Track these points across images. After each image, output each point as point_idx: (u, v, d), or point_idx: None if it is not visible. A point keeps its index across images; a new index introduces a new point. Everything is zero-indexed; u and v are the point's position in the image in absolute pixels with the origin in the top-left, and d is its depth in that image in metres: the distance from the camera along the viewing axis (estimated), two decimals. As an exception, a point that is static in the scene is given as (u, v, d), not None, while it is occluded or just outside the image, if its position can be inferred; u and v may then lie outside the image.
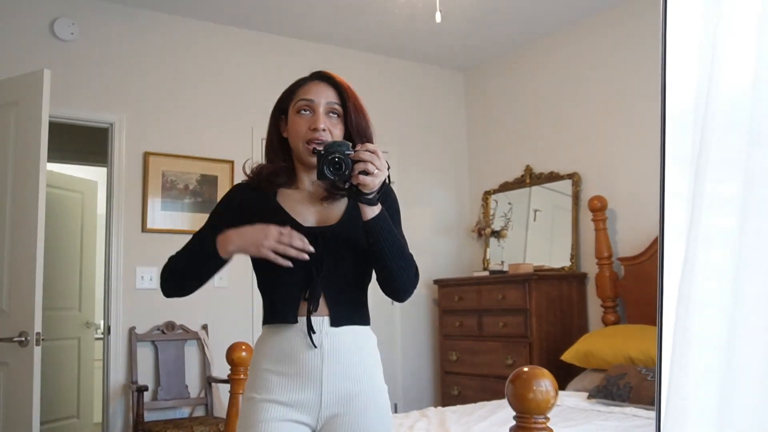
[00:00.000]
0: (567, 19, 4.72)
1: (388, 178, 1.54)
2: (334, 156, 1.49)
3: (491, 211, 5.27)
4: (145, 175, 4.28)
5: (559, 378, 1.37)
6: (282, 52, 4.84)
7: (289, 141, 1.68)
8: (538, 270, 4.58)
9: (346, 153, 1.50)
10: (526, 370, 1.43)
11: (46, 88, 3.16)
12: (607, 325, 4.22)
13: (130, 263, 4.20)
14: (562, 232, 4.74)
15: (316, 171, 1.53)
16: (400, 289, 1.60)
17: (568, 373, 4.01)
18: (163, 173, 4.34)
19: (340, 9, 4.47)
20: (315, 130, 1.60)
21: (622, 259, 4.26)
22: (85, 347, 5.21)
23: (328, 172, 1.50)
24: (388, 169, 1.52)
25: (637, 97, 4.30)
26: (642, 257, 4.12)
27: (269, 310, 1.62)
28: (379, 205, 1.53)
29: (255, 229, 1.54)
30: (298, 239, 1.53)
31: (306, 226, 1.61)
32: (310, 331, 1.54)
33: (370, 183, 1.47)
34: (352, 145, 1.54)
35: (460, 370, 4.76)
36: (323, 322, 1.56)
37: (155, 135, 4.35)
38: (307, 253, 1.54)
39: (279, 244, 1.52)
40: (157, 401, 4.10)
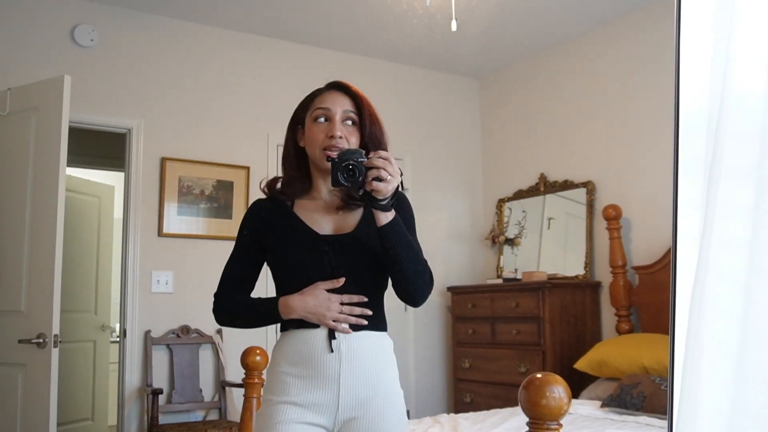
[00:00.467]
0: (581, 28, 4.73)
1: (401, 184, 1.57)
2: (348, 163, 1.52)
3: (505, 219, 5.27)
4: (162, 180, 4.33)
5: (572, 386, 1.38)
6: (298, 59, 4.88)
7: (306, 150, 1.70)
8: (551, 278, 4.57)
9: (359, 160, 1.52)
10: (539, 376, 1.44)
11: (66, 93, 3.21)
12: (620, 334, 4.21)
13: (146, 267, 4.24)
14: (576, 241, 4.73)
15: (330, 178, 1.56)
16: (414, 294, 1.62)
17: (581, 382, 4.00)
18: (180, 178, 4.39)
19: (357, 17, 4.50)
20: (332, 137, 1.63)
21: (637, 268, 4.25)
22: (101, 350, 5.26)
23: (341, 179, 1.53)
24: (401, 175, 1.54)
25: (652, 105, 4.29)
26: (656, 266, 4.10)
27: None
28: (392, 211, 1.56)
29: (318, 302, 1.58)
30: (359, 309, 1.59)
31: (322, 234, 1.64)
32: (331, 336, 1.57)
33: (383, 189, 1.50)
34: (365, 152, 1.57)
35: (472, 377, 4.75)
36: (343, 326, 1.59)
37: (172, 140, 4.40)
38: (325, 261, 1.61)
39: (341, 314, 1.58)
40: (171, 404, 4.13)
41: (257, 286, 1.77)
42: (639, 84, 4.42)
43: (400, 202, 1.65)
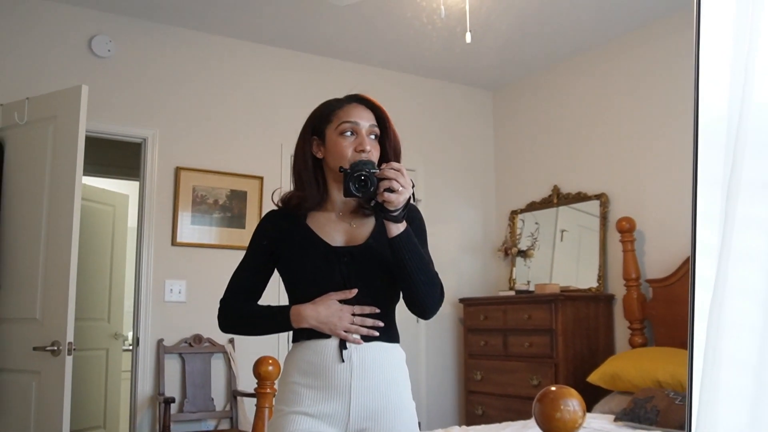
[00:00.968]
0: (595, 41, 4.72)
1: (413, 195, 1.58)
2: (360, 174, 1.53)
3: (518, 231, 5.26)
4: (176, 190, 4.35)
5: (585, 400, 1.36)
6: (311, 70, 4.90)
7: (328, 161, 1.69)
8: (564, 290, 4.55)
9: (371, 171, 1.53)
10: (553, 389, 1.43)
11: (83, 103, 3.24)
12: (634, 347, 4.18)
13: (159, 276, 4.26)
14: (589, 253, 4.71)
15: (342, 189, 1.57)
16: (424, 306, 1.62)
17: (594, 395, 3.97)
18: (194, 188, 4.41)
19: (369, 29, 4.52)
20: (362, 151, 1.63)
21: (650, 281, 4.22)
22: (113, 358, 5.28)
23: (354, 189, 1.54)
24: (412, 187, 1.55)
25: (665, 117, 4.28)
26: (671, 279, 4.08)
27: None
28: (404, 222, 1.56)
29: (330, 312, 1.59)
30: (370, 320, 1.60)
31: (334, 246, 1.65)
32: (342, 346, 1.58)
33: (394, 200, 1.51)
34: (378, 163, 1.57)
35: (484, 389, 4.73)
36: (355, 337, 1.59)
37: (187, 150, 4.43)
38: (337, 272, 1.61)
39: (352, 325, 1.59)
40: (183, 413, 4.14)
41: (268, 295, 1.78)
42: (652, 97, 4.41)
43: (412, 214, 1.65)
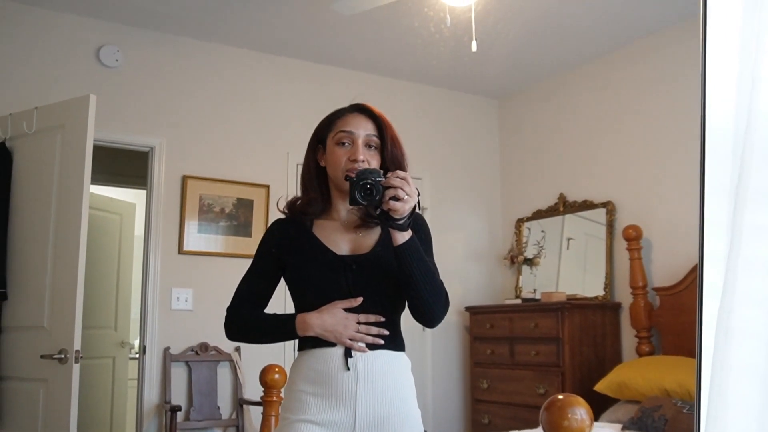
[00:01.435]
0: (601, 50, 4.73)
1: (419, 204, 1.58)
2: (366, 182, 1.54)
3: (524, 239, 5.25)
4: (183, 198, 4.37)
5: (592, 408, 1.36)
6: (317, 79, 4.92)
7: (328, 170, 1.72)
8: (571, 299, 4.54)
9: (377, 179, 1.54)
10: (561, 397, 1.43)
11: (91, 112, 3.26)
12: (641, 356, 4.16)
13: (166, 284, 4.27)
14: (595, 261, 4.70)
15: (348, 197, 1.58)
16: (430, 314, 1.62)
17: (601, 404, 3.95)
18: (201, 196, 4.42)
19: (376, 38, 4.54)
20: (354, 161, 1.64)
21: (658, 289, 4.21)
22: (120, 366, 5.29)
23: (359, 198, 1.54)
24: (418, 195, 1.55)
25: (671, 125, 4.28)
26: (678, 287, 4.06)
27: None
28: (409, 231, 1.57)
29: (335, 321, 1.60)
30: (375, 329, 1.60)
31: (340, 254, 1.66)
32: (347, 354, 1.58)
33: (400, 208, 1.51)
34: (383, 172, 1.58)
35: (490, 398, 4.71)
36: (360, 345, 1.59)
37: (193, 159, 4.45)
38: (343, 281, 1.62)
39: (357, 333, 1.59)
40: (189, 421, 4.14)
41: (273, 303, 1.78)
42: (658, 105, 4.41)
43: (417, 223, 1.66)
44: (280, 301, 1.84)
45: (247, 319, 1.74)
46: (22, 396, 3.21)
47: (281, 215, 1.79)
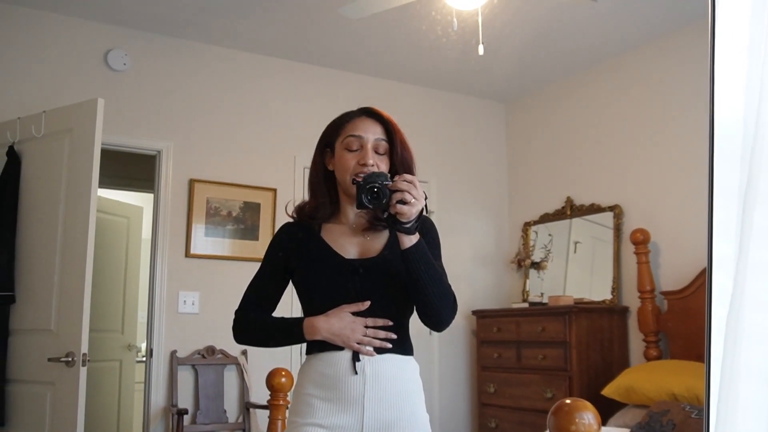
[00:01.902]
0: (608, 52, 4.72)
1: (426, 208, 1.58)
2: (373, 186, 1.53)
3: (531, 243, 5.24)
4: (190, 202, 4.38)
5: (600, 413, 1.35)
6: (324, 82, 4.93)
7: (336, 174, 1.71)
8: (578, 302, 4.52)
9: (384, 183, 1.54)
10: (568, 402, 1.42)
11: (99, 116, 3.27)
12: (649, 360, 4.14)
13: (173, 288, 4.28)
14: (602, 265, 4.68)
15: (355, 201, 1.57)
16: (437, 318, 1.62)
17: (608, 409, 3.93)
18: (208, 200, 4.43)
19: (383, 41, 4.54)
20: (364, 165, 1.64)
21: (665, 293, 4.19)
22: (127, 369, 5.29)
23: (366, 201, 1.54)
24: (425, 199, 1.55)
25: (679, 128, 4.26)
26: (686, 291, 4.04)
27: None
28: (417, 234, 1.56)
29: (343, 324, 1.59)
30: (383, 333, 1.60)
31: (348, 258, 1.65)
32: (355, 358, 1.58)
33: (407, 212, 1.51)
34: (391, 175, 1.58)
35: (497, 402, 4.70)
36: (367, 349, 1.59)
37: (201, 163, 4.46)
38: (351, 285, 1.62)
39: (365, 337, 1.59)
40: (195, 425, 4.14)
41: (281, 307, 1.78)
42: (666, 108, 4.39)
43: (425, 226, 1.66)
44: (287, 305, 1.84)
45: (254, 322, 1.74)
46: (29, 399, 3.21)
47: (288, 219, 1.79)
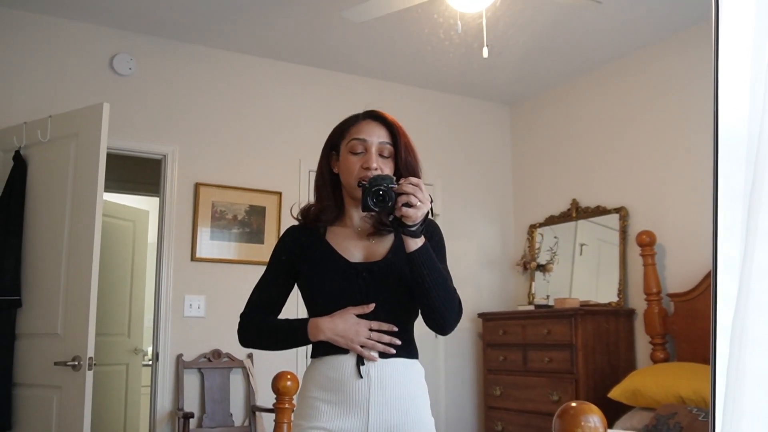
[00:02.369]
0: (613, 55, 4.71)
1: (431, 211, 1.57)
2: (378, 188, 1.53)
3: (537, 245, 5.23)
4: (196, 205, 4.39)
5: (607, 416, 1.34)
6: (329, 85, 4.94)
7: (341, 177, 1.71)
8: (584, 305, 4.51)
9: (389, 186, 1.53)
10: (574, 405, 1.41)
11: (104, 120, 3.28)
12: (655, 363, 4.12)
13: (178, 291, 4.29)
14: (609, 267, 4.67)
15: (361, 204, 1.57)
16: (443, 321, 1.61)
17: (615, 411, 3.92)
18: (213, 203, 4.44)
19: (386, 44, 4.55)
20: (368, 169, 1.64)
21: (672, 295, 4.17)
22: (133, 373, 5.30)
23: (372, 204, 1.54)
24: (431, 202, 1.55)
25: (685, 130, 4.25)
26: (693, 293, 4.03)
27: (320, 341, 1.65)
28: (422, 237, 1.56)
29: (347, 326, 1.59)
30: (387, 337, 1.59)
31: (353, 262, 1.65)
32: (360, 362, 1.57)
33: (412, 215, 1.51)
34: (396, 178, 1.58)
35: (503, 405, 4.69)
36: (371, 353, 1.59)
37: (206, 166, 4.47)
38: (356, 288, 1.61)
39: (369, 339, 1.58)
40: (202, 428, 4.14)
41: (286, 310, 1.78)
42: (671, 109, 4.38)
43: (431, 229, 1.66)
44: (293, 308, 1.84)
45: (259, 325, 1.74)
46: (35, 403, 3.22)
47: (294, 222, 1.79)
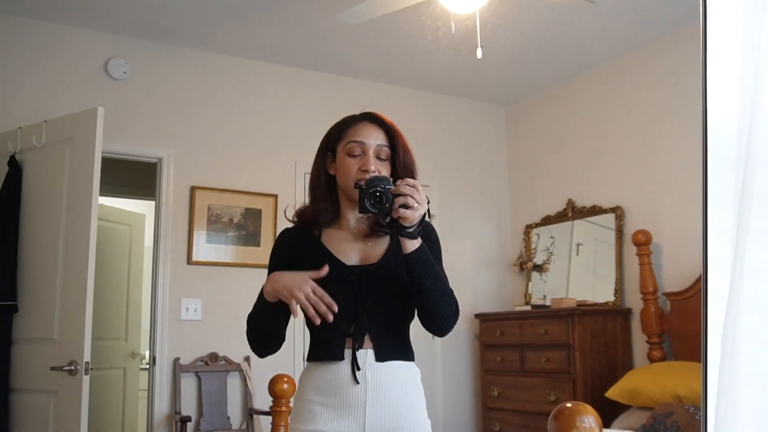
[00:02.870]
0: (607, 55, 4.72)
1: (428, 212, 1.57)
2: (375, 190, 1.53)
3: (533, 245, 5.23)
4: (192, 209, 4.38)
5: (604, 415, 1.35)
6: (324, 88, 4.94)
7: (338, 179, 1.71)
8: (581, 305, 4.51)
9: (386, 187, 1.53)
10: (569, 405, 1.42)
11: (99, 125, 3.28)
12: (652, 362, 4.13)
13: (175, 295, 4.28)
14: (605, 267, 4.68)
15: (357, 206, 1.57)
16: (440, 323, 1.61)
17: (612, 411, 3.92)
18: (209, 207, 4.44)
19: (381, 46, 4.55)
20: (366, 171, 1.64)
21: (668, 294, 4.18)
22: (130, 377, 5.30)
23: (369, 205, 1.53)
24: (427, 203, 1.54)
25: (680, 130, 4.26)
26: (689, 292, 4.03)
27: (316, 345, 1.65)
28: (419, 238, 1.56)
29: (294, 276, 1.55)
30: (324, 307, 1.52)
31: (349, 264, 1.65)
32: (355, 366, 1.57)
33: (410, 216, 1.51)
34: (393, 180, 1.58)
35: (501, 405, 4.69)
36: (367, 355, 1.59)
37: (202, 170, 4.47)
38: (352, 291, 1.60)
39: (306, 301, 1.51)
40: (199, 432, 4.14)
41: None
42: (666, 109, 4.39)
43: (426, 231, 1.65)
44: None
45: (251, 320, 1.69)
46: (32, 408, 3.22)
47: (290, 224, 1.78)
